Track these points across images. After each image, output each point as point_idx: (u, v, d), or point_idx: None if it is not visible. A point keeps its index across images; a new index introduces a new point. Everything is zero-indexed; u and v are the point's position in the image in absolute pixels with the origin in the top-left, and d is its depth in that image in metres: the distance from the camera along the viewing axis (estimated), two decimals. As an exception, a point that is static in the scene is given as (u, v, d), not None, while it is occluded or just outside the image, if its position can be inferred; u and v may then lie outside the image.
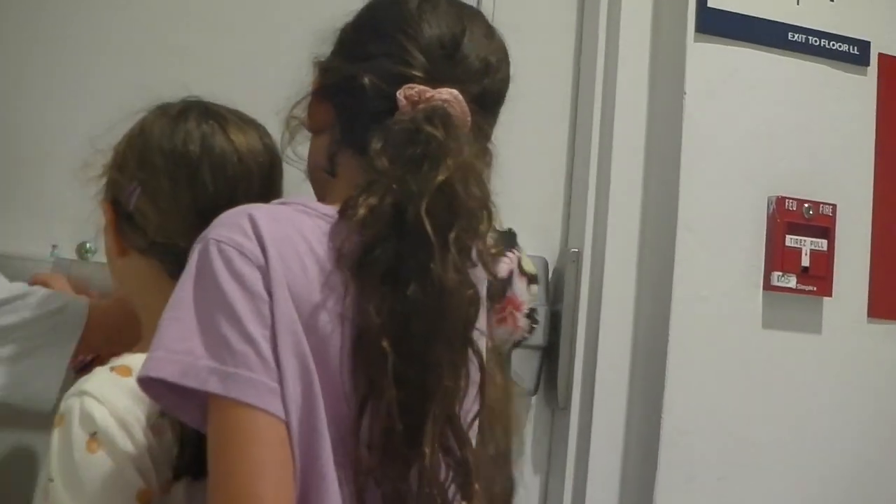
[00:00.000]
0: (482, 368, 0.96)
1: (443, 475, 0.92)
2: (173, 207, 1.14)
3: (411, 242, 0.90)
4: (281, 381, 0.87)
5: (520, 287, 1.57)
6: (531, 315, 1.60)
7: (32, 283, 1.34)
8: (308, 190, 1.11)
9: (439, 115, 0.95)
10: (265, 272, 0.89)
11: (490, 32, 1.06)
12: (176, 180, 1.14)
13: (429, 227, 0.89)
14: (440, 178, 0.91)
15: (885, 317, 1.94)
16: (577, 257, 1.82)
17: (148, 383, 0.88)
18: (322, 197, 1.06)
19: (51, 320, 1.26)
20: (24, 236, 1.59)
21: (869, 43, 1.96)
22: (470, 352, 0.94)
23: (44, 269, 1.49)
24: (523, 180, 1.86)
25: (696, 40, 1.85)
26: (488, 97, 1.03)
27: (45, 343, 1.25)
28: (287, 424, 0.87)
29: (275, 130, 1.17)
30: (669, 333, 1.77)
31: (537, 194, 1.89)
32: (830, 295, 1.87)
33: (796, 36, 1.91)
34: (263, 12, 1.77)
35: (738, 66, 1.87)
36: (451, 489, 0.93)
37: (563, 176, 1.91)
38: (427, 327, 0.90)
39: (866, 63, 1.96)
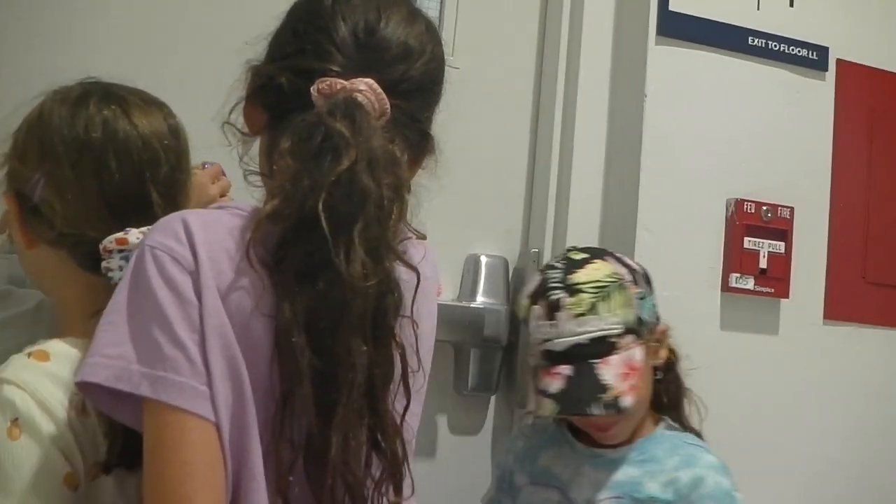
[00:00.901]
0: (403, 359, 0.96)
1: (367, 467, 0.94)
2: (79, 198, 1.10)
3: (313, 238, 0.90)
4: (210, 384, 0.89)
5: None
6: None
7: None
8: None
9: (343, 106, 0.94)
10: (195, 277, 0.90)
11: (411, 17, 1.04)
12: (80, 169, 1.10)
13: (325, 222, 0.89)
14: (339, 169, 0.91)
15: (841, 319, 1.96)
16: (538, 257, 1.83)
17: (85, 387, 0.90)
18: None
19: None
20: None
21: (827, 48, 1.99)
22: (391, 342, 0.94)
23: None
24: (484, 181, 1.87)
25: (657, 43, 1.87)
26: (412, 82, 1.01)
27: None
28: (217, 426, 0.89)
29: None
30: (628, 334, 1.78)
31: (498, 195, 1.89)
32: (787, 297, 1.89)
33: (756, 40, 1.93)
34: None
35: (698, 70, 1.89)
36: (382, 483, 0.95)
37: (524, 177, 1.91)
38: (334, 320, 0.90)
39: (825, 68, 1.99)
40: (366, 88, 0.96)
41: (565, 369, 1.37)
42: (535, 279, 1.46)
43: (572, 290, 1.39)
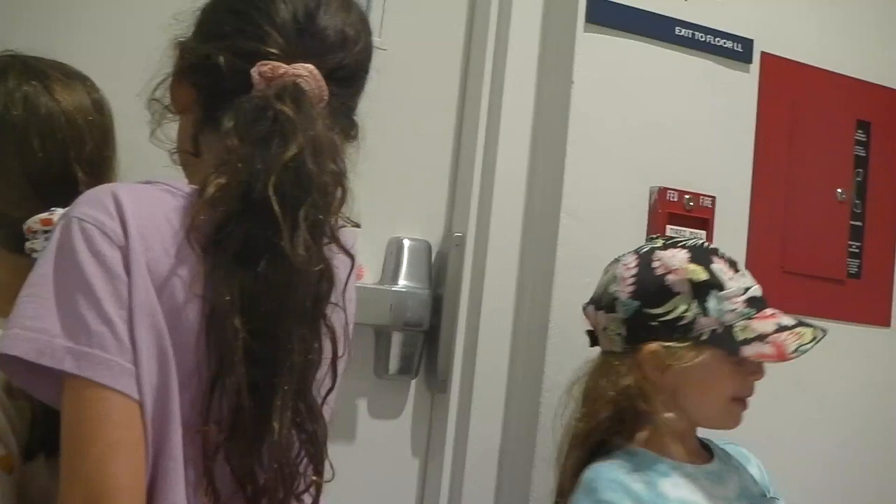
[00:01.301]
0: (334, 343, 0.97)
1: (295, 451, 0.94)
2: (2, 177, 1.08)
3: (260, 220, 0.91)
4: (136, 362, 0.88)
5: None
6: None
7: None
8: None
9: (290, 91, 0.95)
10: (125, 252, 0.89)
11: (347, 6, 1.06)
12: (1, 148, 1.08)
13: (276, 205, 0.90)
14: (288, 154, 0.92)
15: (760, 307, 1.98)
16: (461, 242, 1.82)
17: (3, 360, 0.87)
18: (190, 177, 1.05)
19: None
20: None
21: (752, 41, 2.01)
22: (322, 327, 0.96)
23: None
24: (408, 165, 1.85)
25: (585, 31, 1.87)
26: (348, 70, 1.04)
27: None
28: (141, 405, 0.88)
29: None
30: (550, 319, 1.79)
31: (422, 179, 1.88)
32: (708, 284, 1.91)
33: (683, 31, 1.94)
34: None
35: (625, 58, 1.90)
36: (303, 464, 0.95)
37: (449, 161, 1.90)
38: (277, 304, 0.91)
39: (749, 60, 2.01)
40: (308, 74, 0.97)
41: (774, 310, 1.42)
42: (675, 252, 1.44)
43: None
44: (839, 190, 2.09)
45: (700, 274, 1.40)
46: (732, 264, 1.45)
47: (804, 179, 2.05)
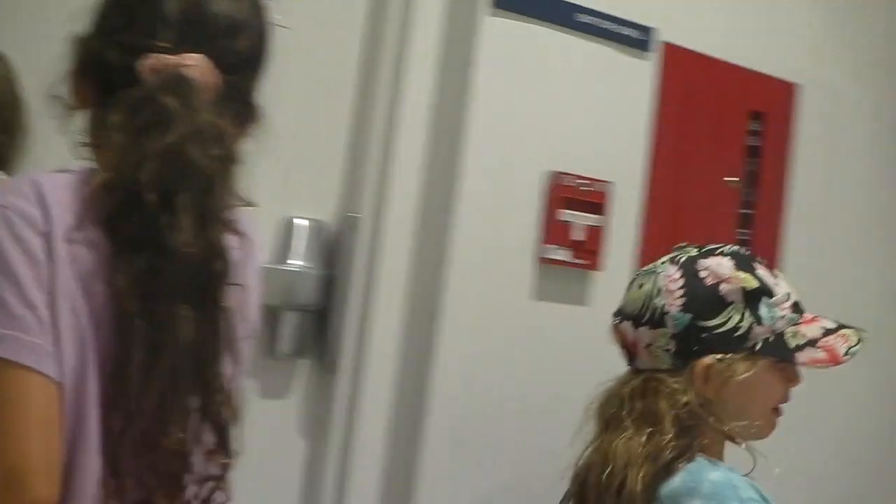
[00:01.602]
0: (234, 325, 1.00)
1: (197, 433, 0.98)
2: None
3: (144, 209, 0.94)
4: (57, 345, 0.91)
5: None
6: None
7: None
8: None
9: (172, 82, 0.98)
10: (48, 238, 0.92)
11: None
12: None
13: (152, 193, 0.93)
14: (166, 142, 0.94)
15: (651, 293, 2.01)
16: (356, 222, 1.81)
17: None
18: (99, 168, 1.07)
19: None
20: None
21: (653, 30, 2.03)
22: (218, 310, 0.99)
23: None
24: (304, 143, 1.83)
25: (490, 14, 1.86)
26: (240, 56, 1.06)
27: None
28: (61, 386, 0.91)
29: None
30: (443, 301, 1.79)
31: (318, 158, 1.86)
32: (601, 269, 1.93)
33: (585, 17, 1.95)
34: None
35: (528, 43, 1.90)
36: (210, 448, 0.99)
37: (346, 141, 1.88)
38: (166, 289, 0.94)
39: (648, 49, 2.03)
40: (195, 64, 0.99)
41: (814, 314, 1.39)
42: (719, 260, 1.37)
43: None
44: (731, 178, 2.13)
45: (751, 281, 1.35)
46: (770, 269, 1.40)
47: (697, 167, 2.08)
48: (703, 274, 1.36)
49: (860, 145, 2.38)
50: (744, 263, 1.37)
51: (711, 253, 1.39)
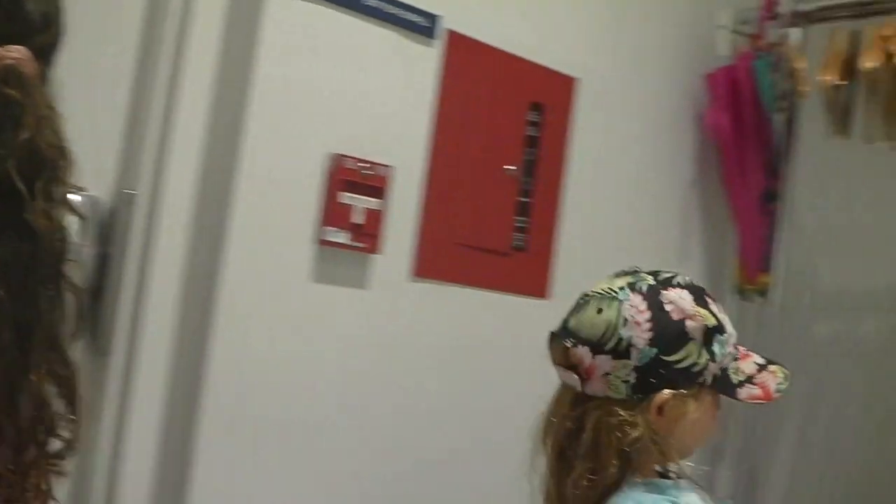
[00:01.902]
0: (77, 298, 1.06)
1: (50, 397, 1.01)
2: None
3: (8, 198, 0.97)
4: None
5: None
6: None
7: None
8: None
9: (14, 75, 1.00)
10: None
11: None
12: None
13: (20, 183, 0.97)
14: (24, 136, 0.98)
15: (429, 276, 2.07)
16: (132, 199, 1.77)
17: None
18: None
19: None
20: None
21: (439, 17, 2.07)
22: (65, 284, 1.03)
23: None
24: (79, 116, 1.74)
25: (274, -5, 1.86)
26: (51, 48, 1.09)
27: None
28: None
29: None
30: (220, 281, 1.78)
31: (94, 132, 1.79)
32: (380, 252, 1.97)
33: (372, 1, 1.97)
34: None
35: (313, 24, 1.91)
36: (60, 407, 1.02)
37: (124, 115, 1.84)
38: (28, 270, 0.98)
39: (434, 36, 2.07)
40: (22, 56, 1.01)
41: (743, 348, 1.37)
42: (680, 293, 1.34)
43: None
44: (509, 167, 2.21)
45: (710, 319, 1.33)
46: (714, 301, 1.38)
47: (477, 155, 2.15)
48: (668, 307, 1.33)
49: (633, 136, 2.50)
50: (699, 298, 1.36)
51: (669, 283, 1.36)
